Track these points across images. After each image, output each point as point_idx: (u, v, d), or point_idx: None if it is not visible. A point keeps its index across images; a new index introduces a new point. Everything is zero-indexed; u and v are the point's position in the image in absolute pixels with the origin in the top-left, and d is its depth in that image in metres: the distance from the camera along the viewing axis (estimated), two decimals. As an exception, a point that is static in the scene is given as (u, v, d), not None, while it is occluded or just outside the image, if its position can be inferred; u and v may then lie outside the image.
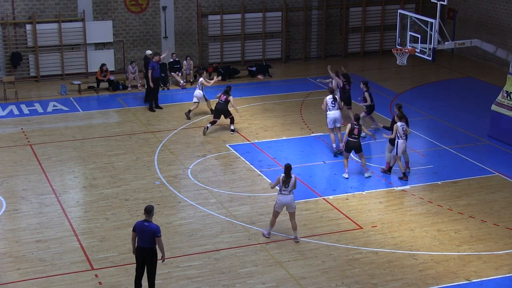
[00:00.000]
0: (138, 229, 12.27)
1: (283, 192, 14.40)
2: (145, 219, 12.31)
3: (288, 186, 14.34)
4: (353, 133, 17.65)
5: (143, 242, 12.26)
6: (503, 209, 16.36)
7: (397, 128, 17.56)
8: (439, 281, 13.38)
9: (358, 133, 17.68)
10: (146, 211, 12.33)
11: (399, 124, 17.62)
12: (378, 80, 26.75)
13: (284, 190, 14.39)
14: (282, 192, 14.41)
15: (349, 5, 29.80)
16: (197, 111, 22.77)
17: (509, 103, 20.19)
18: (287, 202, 14.45)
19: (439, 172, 18.37)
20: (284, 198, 14.43)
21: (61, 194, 17.02)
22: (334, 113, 19.27)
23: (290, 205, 14.49)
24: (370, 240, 14.88)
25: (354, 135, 17.66)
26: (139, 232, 12.26)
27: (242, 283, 13.32)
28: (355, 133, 17.64)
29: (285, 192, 14.40)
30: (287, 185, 14.33)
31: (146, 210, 12.33)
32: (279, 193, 14.47)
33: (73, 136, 20.98)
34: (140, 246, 12.32)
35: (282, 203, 14.48)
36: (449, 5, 27.84)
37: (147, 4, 27.32)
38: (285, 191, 14.39)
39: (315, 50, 29.99)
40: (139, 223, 12.33)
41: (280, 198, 14.46)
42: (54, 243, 14.73)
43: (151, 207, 12.38)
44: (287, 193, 14.41)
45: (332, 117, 19.29)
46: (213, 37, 28.40)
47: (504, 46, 26.79)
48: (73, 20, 26.52)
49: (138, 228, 12.27)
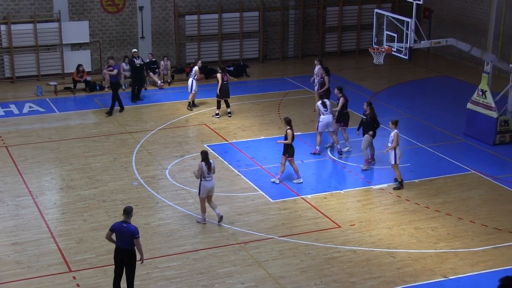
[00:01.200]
0: (116, 230, 12.20)
1: (207, 178, 15.04)
2: (123, 220, 12.25)
3: (211, 171, 15.02)
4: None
5: (122, 243, 12.19)
6: (479, 207, 16.53)
7: (397, 136, 17.14)
8: (417, 279, 13.48)
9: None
10: (125, 212, 12.27)
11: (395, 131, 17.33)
12: (355, 80, 26.88)
13: (208, 177, 15.02)
14: (207, 179, 15.03)
15: (326, 5, 29.90)
16: (175, 112, 22.71)
17: (484, 101, 20.39)
18: (212, 187, 15.18)
19: (416, 170, 18.50)
20: (209, 183, 15.11)
21: (37, 196, 16.88)
22: (327, 117, 19.26)
23: (212, 189, 15.27)
24: (349, 239, 14.95)
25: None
26: (118, 232, 12.19)
27: (221, 283, 13.31)
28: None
29: (209, 178, 15.08)
30: (210, 171, 14.99)
31: (126, 211, 12.26)
32: (203, 180, 15.03)
33: (50, 137, 20.81)
34: (118, 247, 12.25)
35: (207, 188, 15.11)
36: (425, 4, 28.10)
37: (124, 4, 27.19)
38: (209, 177, 15.06)
39: (292, 49, 30.06)
40: (118, 224, 12.26)
41: (205, 184, 15.06)
42: (31, 245, 14.60)
43: (130, 208, 12.33)
44: (211, 179, 15.10)
45: (325, 122, 19.23)
46: (190, 37, 28.34)
47: (479, 45, 27.04)
48: (48, 21, 26.31)
49: (117, 229, 12.20)
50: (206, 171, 14.98)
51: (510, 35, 26.84)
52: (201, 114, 22.88)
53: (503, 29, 27.04)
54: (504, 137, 20.32)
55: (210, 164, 15.04)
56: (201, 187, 15.14)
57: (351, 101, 21.01)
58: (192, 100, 23.25)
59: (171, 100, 24.32)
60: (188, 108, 23.09)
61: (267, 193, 17.04)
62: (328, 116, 19.28)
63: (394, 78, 27.34)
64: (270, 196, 16.91)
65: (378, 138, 18.77)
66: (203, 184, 15.08)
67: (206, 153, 15.14)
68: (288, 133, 17.24)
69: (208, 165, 14.99)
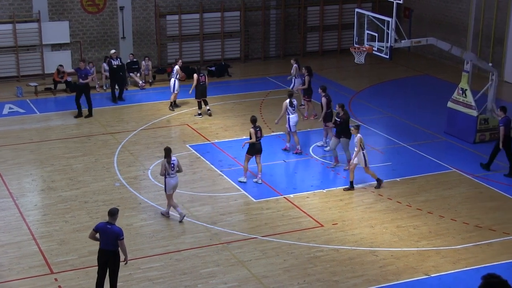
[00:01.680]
0: (100, 230, 12.10)
1: (171, 175, 15.28)
2: (108, 221, 12.16)
3: (174, 168, 15.23)
4: (257, 135, 17.37)
5: (106, 244, 12.11)
6: (460, 204, 16.65)
7: (360, 140, 16.90)
8: (399, 277, 13.55)
9: (260, 135, 17.45)
10: (110, 214, 12.16)
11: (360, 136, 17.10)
12: (337, 79, 26.97)
13: (172, 173, 15.26)
14: (171, 175, 15.28)
15: (307, 5, 29.97)
16: (157, 113, 22.64)
17: (465, 100, 20.54)
18: (176, 183, 15.42)
19: (398, 169, 18.60)
20: (173, 180, 15.34)
21: (18, 198, 16.75)
22: (295, 116, 19.26)
23: (176, 186, 15.49)
24: (331, 238, 14.99)
25: (258, 138, 17.42)
26: (102, 233, 12.09)
27: (204, 283, 13.28)
28: (258, 136, 17.39)
29: (173, 175, 15.32)
30: (172, 167, 15.19)
31: (111, 213, 12.16)
32: (168, 176, 15.27)
33: (30, 138, 20.65)
34: (102, 248, 12.15)
35: (172, 185, 15.33)
36: (405, 4, 28.23)
37: (104, 4, 27.05)
38: (173, 174, 15.31)
39: (274, 49, 30.08)
40: (102, 224, 12.17)
41: (170, 181, 15.29)
42: (12, 247, 14.48)
43: (115, 209, 12.22)
44: (174, 175, 15.33)
45: (295, 120, 19.25)
46: (172, 37, 28.27)
47: (459, 44, 27.24)
48: (28, 21, 26.12)
49: (101, 229, 12.10)
50: (168, 168, 15.19)
51: (489, 34, 27.10)
52: (182, 114, 22.83)
53: (482, 28, 27.31)
54: (484, 136, 20.49)
55: (170, 159, 15.20)
56: (166, 184, 15.35)
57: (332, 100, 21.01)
58: (174, 100, 23.21)
59: (153, 100, 24.25)
60: (170, 108, 23.03)
61: (250, 193, 17.04)
62: (296, 115, 19.31)
63: (375, 77, 27.47)
64: (253, 196, 16.92)
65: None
66: (168, 181, 15.30)
67: (167, 150, 15.34)
68: (251, 132, 17.31)
69: (169, 160, 15.19)
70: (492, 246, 14.71)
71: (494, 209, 16.39)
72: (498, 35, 26.75)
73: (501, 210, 16.35)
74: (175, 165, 15.34)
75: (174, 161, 15.31)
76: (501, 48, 26.69)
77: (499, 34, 26.70)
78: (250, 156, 17.46)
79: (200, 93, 22.37)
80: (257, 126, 17.51)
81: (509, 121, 18.28)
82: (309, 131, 21.20)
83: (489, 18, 27.05)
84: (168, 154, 15.28)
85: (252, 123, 17.51)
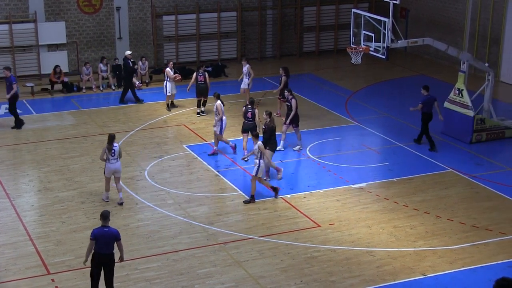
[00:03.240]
0: (99, 236, 11.98)
1: (111, 161, 15.98)
2: (102, 225, 12.12)
3: (115, 154, 15.95)
4: (246, 116, 18.74)
5: (104, 248, 12.00)
6: (456, 204, 16.67)
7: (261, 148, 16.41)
8: (396, 277, 13.56)
9: (252, 116, 18.68)
10: (103, 217, 12.13)
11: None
12: (333, 79, 26.99)
13: (112, 159, 15.95)
14: (111, 161, 15.98)
15: (303, 5, 29.98)
16: (153, 113, 22.65)
17: (461, 100, 20.57)
18: (115, 168, 16.08)
19: (395, 169, 18.62)
20: (112, 165, 16.04)
21: (15, 198, 16.72)
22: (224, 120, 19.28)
23: (117, 170, 16.16)
24: (328, 238, 15.00)
25: (248, 118, 18.74)
26: (101, 238, 11.97)
27: (201, 283, 13.28)
28: (248, 116, 18.72)
29: (113, 161, 16.01)
30: (113, 154, 15.91)
31: (103, 216, 12.13)
32: (108, 162, 15.99)
33: (27, 139, 20.62)
34: (99, 252, 12.04)
35: (111, 169, 16.08)
36: (401, 4, 28.28)
37: (101, 4, 27.03)
38: (113, 160, 15.99)
39: (270, 49, 30.09)
40: (99, 230, 12.06)
41: (108, 165, 16.02)
42: (8, 248, 14.46)
43: (107, 212, 12.25)
44: (115, 161, 16.02)
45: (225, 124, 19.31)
46: (168, 38, 28.26)
47: (455, 44, 27.30)
48: (24, 21, 26.08)
49: (99, 235, 11.98)
50: (109, 154, 15.91)
51: (485, 35, 27.15)
52: (179, 114, 22.82)
53: (479, 28, 27.36)
54: (481, 136, 20.53)
55: (112, 146, 15.90)
56: (105, 168, 16.11)
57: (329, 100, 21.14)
58: (171, 101, 23.21)
59: (149, 100, 24.23)
60: (167, 109, 23.06)
61: (247, 193, 17.03)
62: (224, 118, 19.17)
63: (371, 77, 27.49)
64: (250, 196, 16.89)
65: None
66: (107, 166, 16.03)
67: (110, 136, 16.07)
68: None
69: (109, 146, 15.88)
70: (489, 246, 14.74)
71: (491, 209, 16.42)
72: (494, 36, 26.80)
73: (498, 210, 16.38)
74: (116, 151, 16.01)
75: (115, 147, 16.00)
76: (497, 49, 26.74)
77: (495, 34, 26.75)
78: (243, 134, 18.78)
79: (198, 92, 22.44)
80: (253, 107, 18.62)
81: (430, 100, 19.81)
82: (308, 131, 21.21)
83: (485, 18, 27.10)
84: (110, 140, 15.98)
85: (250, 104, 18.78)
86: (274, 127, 17.90)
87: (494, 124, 20.60)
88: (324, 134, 21.12)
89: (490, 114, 20.66)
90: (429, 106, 19.81)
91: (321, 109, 23.36)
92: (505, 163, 19.07)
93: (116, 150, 16.03)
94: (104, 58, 25.63)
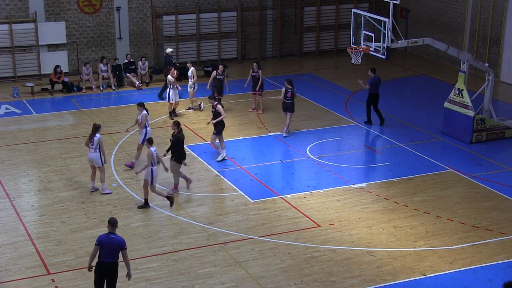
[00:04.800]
0: (104, 243, 11.75)
1: (90, 150, 16.64)
2: (109, 231, 11.91)
3: (93, 144, 16.52)
4: (286, 96, 20.23)
5: (108, 256, 11.77)
6: (456, 204, 16.67)
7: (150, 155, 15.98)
8: (396, 277, 13.57)
9: (291, 96, 20.19)
10: (111, 224, 11.90)
11: (153, 150, 16.10)
12: (333, 79, 26.99)
13: (90, 148, 16.60)
14: (90, 150, 16.66)
15: (303, 5, 29.98)
16: (153, 113, 22.65)
17: (461, 100, 20.57)
18: (91, 157, 16.65)
19: (395, 169, 18.62)
20: (90, 154, 16.68)
21: (15, 198, 16.73)
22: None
23: (95, 161, 16.63)
24: (328, 238, 15.00)
25: (288, 97, 20.26)
26: (106, 245, 11.75)
27: (201, 283, 13.29)
28: (288, 96, 20.23)
29: (92, 150, 16.61)
30: (92, 143, 16.52)
31: (111, 223, 11.90)
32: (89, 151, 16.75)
33: (27, 139, 20.63)
34: (103, 261, 11.81)
35: (88, 158, 16.79)
36: (402, 4, 28.30)
37: (101, 4, 27.03)
38: (91, 149, 16.60)
39: (270, 49, 30.09)
40: (105, 236, 11.84)
41: (88, 154, 16.75)
42: (9, 248, 14.46)
43: (115, 219, 11.99)
44: (93, 151, 16.59)
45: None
46: (168, 38, 28.26)
47: (455, 44, 27.31)
48: (24, 21, 26.08)
49: (104, 241, 11.76)
50: (89, 142, 16.63)
51: (485, 35, 27.15)
52: (179, 114, 22.80)
53: (479, 28, 27.37)
54: (481, 136, 20.53)
55: (94, 137, 16.49)
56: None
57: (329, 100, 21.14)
58: (174, 109, 22.59)
59: (149, 100, 24.20)
60: (169, 118, 22.50)
61: (247, 193, 17.04)
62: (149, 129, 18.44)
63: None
64: (250, 196, 16.92)
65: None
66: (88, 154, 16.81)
67: (94, 126, 16.69)
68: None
69: (91, 134, 16.51)
70: (489, 246, 14.74)
71: (491, 209, 16.42)
72: (494, 36, 26.81)
73: (498, 210, 16.38)
74: (95, 142, 16.54)
75: (95, 138, 16.52)
76: (497, 49, 26.74)
77: (495, 34, 26.75)
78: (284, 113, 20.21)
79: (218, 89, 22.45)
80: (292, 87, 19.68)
81: (377, 81, 21.16)
82: (308, 131, 21.21)
83: (485, 18, 27.10)
84: (93, 130, 16.57)
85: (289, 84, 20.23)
86: (183, 137, 17.08)
87: (494, 124, 20.61)
88: (324, 134, 21.13)
89: (490, 114, 20.67)
90: (376, 87, 21.20)
91: (321, 109, 23.36)
92: (505, 163, 19.08)
93: (95, 140, 16.53)
94: (104, 58, 25.64)
